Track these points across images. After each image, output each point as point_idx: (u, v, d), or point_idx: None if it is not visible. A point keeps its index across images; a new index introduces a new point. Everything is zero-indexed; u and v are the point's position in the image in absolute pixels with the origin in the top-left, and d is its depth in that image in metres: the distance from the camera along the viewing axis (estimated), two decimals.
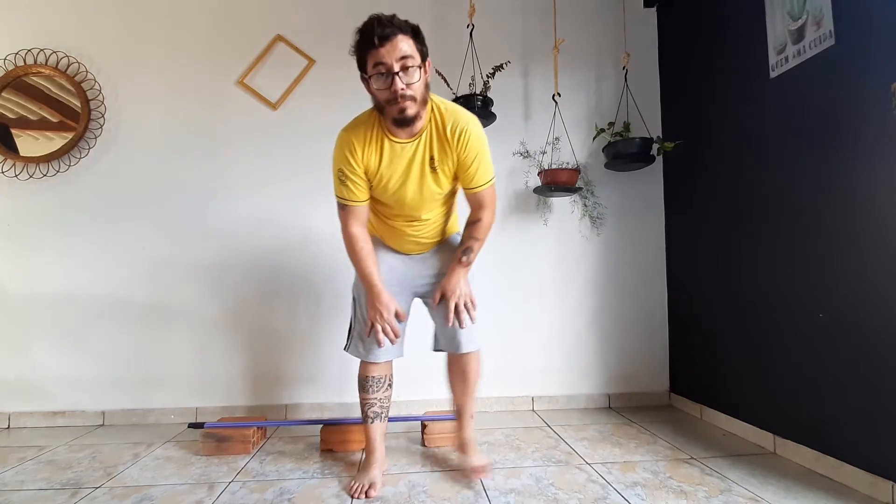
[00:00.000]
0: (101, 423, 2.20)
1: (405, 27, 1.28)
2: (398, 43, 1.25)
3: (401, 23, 1.29)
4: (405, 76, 1.25)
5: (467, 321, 1.45)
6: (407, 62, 1.25)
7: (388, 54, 1.25)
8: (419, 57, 1.28)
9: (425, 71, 1.31)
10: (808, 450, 1.60)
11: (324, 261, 2.31)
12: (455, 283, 1.44)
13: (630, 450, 1.79)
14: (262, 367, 2.27)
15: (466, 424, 1.63)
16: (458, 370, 1.58)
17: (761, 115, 1.81)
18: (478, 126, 1.42)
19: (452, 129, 1.37)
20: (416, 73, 1.27)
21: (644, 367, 2.42)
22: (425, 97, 1.33)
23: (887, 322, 1.34)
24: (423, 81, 1.30)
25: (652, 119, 2.43)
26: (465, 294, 1.45)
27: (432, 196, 1.45)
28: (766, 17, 1.77)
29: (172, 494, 1.46)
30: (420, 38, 1.31)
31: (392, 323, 1.44)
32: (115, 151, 2.29)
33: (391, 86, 1.26)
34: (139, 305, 2.24)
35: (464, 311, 1.44)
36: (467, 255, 1.46)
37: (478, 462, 1.57)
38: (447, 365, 1.63)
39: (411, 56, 1.26)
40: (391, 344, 1.48)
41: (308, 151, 2.34)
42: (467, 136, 1.37)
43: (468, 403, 1.61)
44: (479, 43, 2.27)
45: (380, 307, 1.43)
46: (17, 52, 2.25)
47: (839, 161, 1.50)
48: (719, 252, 2.05)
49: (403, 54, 1.25)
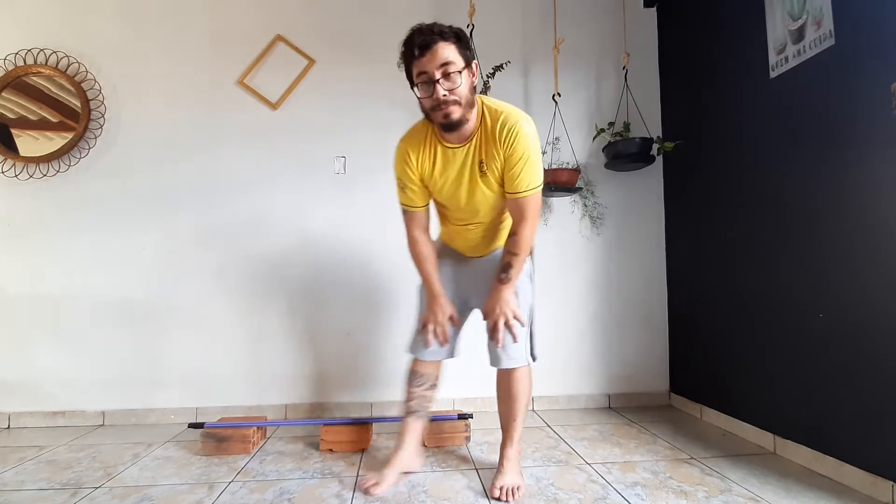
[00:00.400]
0: (101, 423, 2.20)
1: (447, 33, 1.29)
2: (438, 51, 1.26)
3: (442, 29, 1.30)
4: (446, 82, 1.26)
5: (508, 339, 1.44)
6: (448, 68, 1.26)
7: (428, 63, 1.26)
8: (462, 61, 1.28)
9: (472, 74, 1.32)
10: (808, 450, 1.60)
11: (323, 260, 2.31)
12: (494, 302, 1.45)
13: (630, 450, 1.79)
14: (263, 368, 2.27)
15: (506, 441, 1.54)
16: (500, 386, 1.56)
17: (761, 115, 1.81)
18: (529, 127, 1.35)
19: (501, 127, 1.34)
20: (459, 78, 1.27)
21: (644, 367, 2.42)
22: (471, 101, 1.33)
23: (887, 322, 1.34)
24: (467, 85, 1.30)
25: (652, 119, 2.43)
26: (505, 313, 1.43)
27: (485, 200, 1.44)
28: (766, 17, 1.77)
29: (172, 494, 1.46)
30: (464, 43, 1.31)
31: (443, 325, 1.51)
32: (115, 151, 2.29)
33: (433, 93, 1.27)
34: (139, 305, 2.24)
35: (503, 329, 1.43)
36: (506, 272, 1.42)
37: (501, 482, 1.44)
38: (496, 380, 1.59)
39: (453, 62, 1.26)
40: (439, 346, 1.53)
41: (308, 151, 2.34)
42: (515, 133, 1.32)
43: (509, 421, 1.53)
44: (479, 43, 2.27)
45: (435, 309, 1.52)
46: (17, 52, 2.25)
47: (839, 161, 1.50)
48: (719, 252, 2.05)
49: (444, 61, 1.26)
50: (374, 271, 2.33)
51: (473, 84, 1.33)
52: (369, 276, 2.33)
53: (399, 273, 2.34)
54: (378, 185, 2.35)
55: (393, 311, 2.33)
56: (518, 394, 1.50)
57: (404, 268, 2.34)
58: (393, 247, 2.34)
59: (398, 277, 2.33)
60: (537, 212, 1.41)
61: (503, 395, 1.54)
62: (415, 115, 2.35)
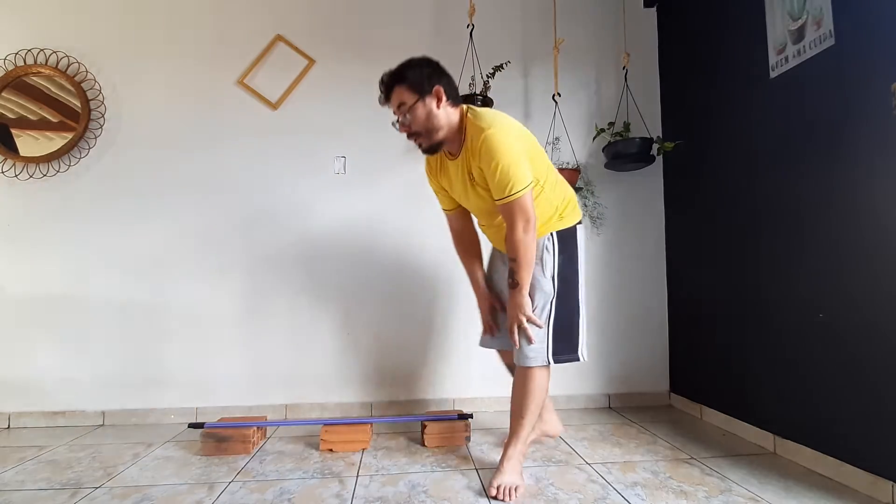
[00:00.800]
0: (101, 423, 2.20)
1: (396, 77, 1.45)
2: (393, 96, 1.46)
3: (392, 75, 1.46)
4: (403, 120, 1.45)
5: (524, 339, 1.48)
6: (402, 108, 1.45)
7: (392, 106, 1.49)
8: (414, 96, 1.43)
9: (428, 102, 1.44)
10: (808, 450, 1.60)
11: (323, 260, 2.32)
12: (508, 307, 1.51)
13: (630, 450, 1.79)
14: (263, 367, 2.27)
15: (510, 440, 1.54)
16: (514, 383, 1.57)
17: (761, 114, 1.81)
18: (499, 132, 1.39)
19: (475, 142, 1.42)
20: (410, 115, 1.44)
21: (644, 367, 2.42)
22: (435, 126, 1.45)
23: (887, 322, 1.34)
24: (423, 116, 1.44)
25: (652, 119, 2.43)
26: (517, 317, 1.48)
27: (486, 205, 1.52)
28: (766, 17, 1.77)
29: (172, 494, 1.46)
30: (414, 77, 1.44)
31: (485, 315, 1.72)
32: (115, 151, 2.29)
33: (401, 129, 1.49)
34: (139, 305, 2.24)
35: (515, 331, 1.49)
36: (512, 277, 1.47)
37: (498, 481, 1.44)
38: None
39: (404, 102, 1.44)
40: (490, 336, 1.72)
41: (308, 151, 2.34)
42: (484, 144, 1.39)
43: (516, 419, 1.53)
44: (479, 43, 2.27)
45: (478, 302, 1.74)
46: (17, 52, 2.25)
47: (839, 161, 1.50)
48: (719, 252, 2.05)
49: (398, 103, 1.46)
50: (373, 271, 2.33)
51: (431, 111, 1.43)
52: (369, 275, 2.33)
53: (399, 273, 2.34)
54: (378, 185, 2.35)
55: (393, 310, 2.33)
56: (528, 392, 1.50)
57: (404, 267, 2.35)
58: (393, 247, 2.35)
59: (398, 277, 2.34)
60: (524, 214, 1.41)
61: (515, 391, 1.55)
62: None
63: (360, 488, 1.48)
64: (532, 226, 1.43)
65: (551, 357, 1.49)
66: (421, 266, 2.35)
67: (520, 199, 1.40)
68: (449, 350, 2.33)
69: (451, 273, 2.33)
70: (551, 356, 1.49)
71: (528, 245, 1.43)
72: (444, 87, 1.45)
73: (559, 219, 1.57)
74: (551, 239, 1.54)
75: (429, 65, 1.47)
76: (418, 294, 2.34)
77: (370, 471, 1.61)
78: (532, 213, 1.43)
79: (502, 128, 1.40)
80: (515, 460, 1.50)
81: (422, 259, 2.35)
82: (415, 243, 2.35)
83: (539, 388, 1.51)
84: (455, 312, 2.34)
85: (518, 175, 1.39)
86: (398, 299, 2.33)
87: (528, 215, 1.42)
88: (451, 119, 1.46)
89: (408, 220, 2.35)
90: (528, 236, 1.42)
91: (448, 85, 1.47)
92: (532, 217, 1.42)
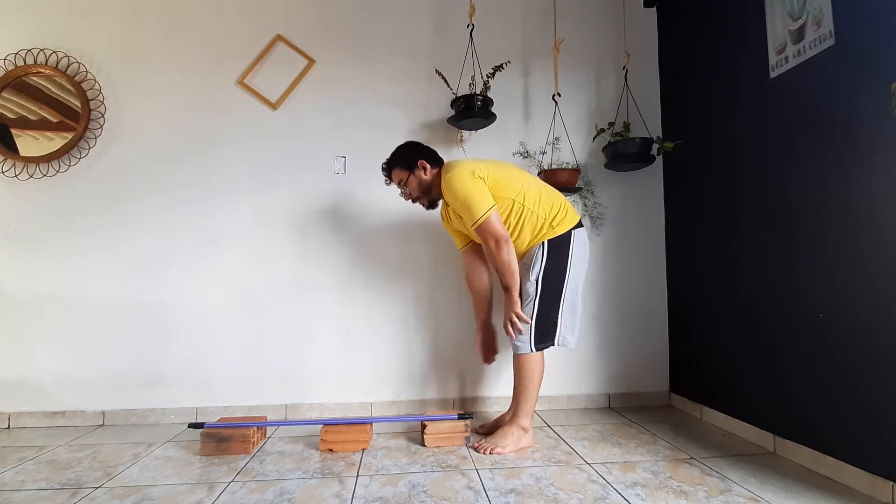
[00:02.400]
0: (101, 423, 2.20)
1: (391, 163, 1.90)
2: (393, 176, 1.91)
3: (388, 162, 1.91)
4: (404, 190, 1.91)
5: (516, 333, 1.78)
6: (401, 183, 1.90)
7: (394, 183, 1.93)
8: (406, 172, 1.87)
9: (417, 174, 1.87)
10: (808, 450, 1.60)
11: (323, 260, 2.32)
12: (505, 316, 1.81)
13: (630, 450, 1.79)
14: (263, 367, 2.27)
15: (512, 412, 1.85)
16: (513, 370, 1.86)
17: (761, 115, 1.81)
18: (453, 176, 1.75)
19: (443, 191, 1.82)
20: (407, 186, 1.88)
21: (644, 367, 2.42)
22: (427, 187, 1.88)
23: (887, 322, 1.34)
24: (416, 184, 1.88)
25: (652, 119, 2.43)
26: (508, 315, 1.78)
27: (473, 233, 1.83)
28: (766, 17, 1.77)
29: (172, 494, 1.46)
30: (404, 157, 1.88)
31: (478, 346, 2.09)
32: (115, 151, 2.29)
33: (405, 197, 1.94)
34: (139, 305, 2.24)
35: (508, 328, 1.78)
36: (502, 284, 1.80)
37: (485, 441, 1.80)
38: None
39: (401, 179, 1.89)
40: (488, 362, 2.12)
41: (308, 151, 2.34)
42: (445, 188, 1.80)
43: (515, 397, 1.84)
44: (479, 43, 2.27)
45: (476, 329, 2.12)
46: (17, 52, 2.25)
47: (839, 161, 1.50)
48: (719, 252, 2.05)
49: (398, 181, 1.91)
50: (373, 271, 2.33)
51: (423, 176, 1.87)
52: (369, 275, 2.33)
53: (399, 273, 2.34)
54: (378, 185, 2.34)
55: (393, 310, 2.33)
56: (521, 376, 1.81)
57: (404, 268, 2.35)
58: (393, 247, 2.35)
59: (398, 277, 2.34)
60: (494, 235, 1.72)
61: (514, 377, 1.85)
62: (413, 114, 2.38)
63: (360, 488, 1.48)
64: (503, 242, 1.72)
65: (534, 346, 1.78)
66: (421, 266, 2.35)
67: (485, 223, 1.72)
68: (449, 350, 2.33)
69: (452, 273, 2.33)
70: (533, 345, 1.78)
71: (504, 258, 1.72)
72: (425, 160, 1.87)
73: (550, 228, 1.81)
74: (542, 248, 1.80)
75: (410, 147, 1.91)
76: (418, 294, 2.34)
77: (370, 471, 1.61)
78: (500, 231, 1.73)
79: (456, 172, 1.76)
80: (509, 432, 1.79)
81: (422, 259, 2.35)
82: (415, 243, 2.35)
83: (532, 372, 1.80)
84: (455, 312, 2.34)
85: (477, 204, 1.72)
86: (398, 299, 2.33)
87: (496, 235, 1.73)
88: (437, 179, 1.87)
89: (408, 220, 2.35)
90: (501, 252, 1.72)
91: (428, 156, 1.89)
92: (501, 235, 1.73)
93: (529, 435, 1.82)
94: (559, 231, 1.81)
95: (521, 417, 1.80)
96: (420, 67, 2.39)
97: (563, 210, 1.84)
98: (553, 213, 1.82)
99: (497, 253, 1.73)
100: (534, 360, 1.79)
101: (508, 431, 1.79)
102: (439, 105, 2.38)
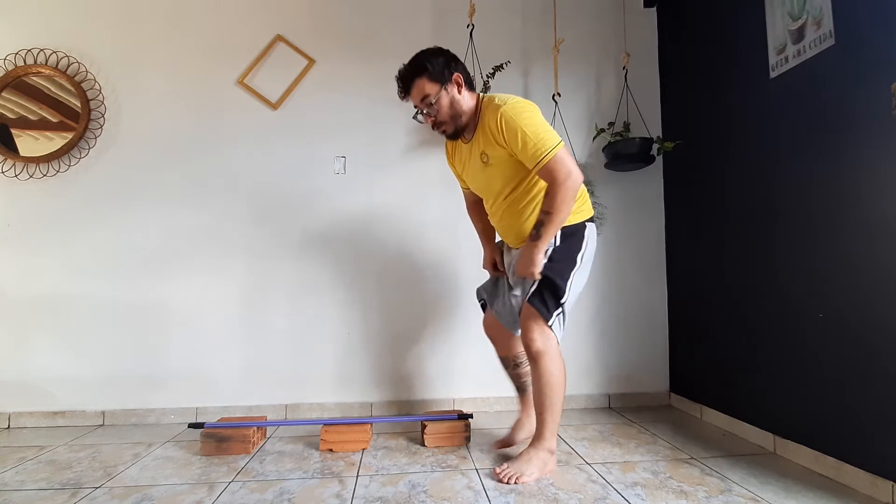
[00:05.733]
0: (101, 423, 2.20)
1: (416, 69, 1.49)
2: (414, 90, 1.51)
3: (411, 68, 1.51)
4: (429, 110, 1.51)
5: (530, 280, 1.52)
6: (427, 100, 1.50)
7: (414, 100, 1.54)
8: (437, 86, 1.49)
9: (450, 90, 1.50)
10: (808, 450, 1.60)
11: (323, 260, 2.32)
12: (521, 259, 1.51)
13: (630, 450, 1.79)
14: (262, 367, 2.27)
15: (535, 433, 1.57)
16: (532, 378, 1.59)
17: (761, 115, 1.81)
18: (513, 107, 1.44)
19: (493, 124, 1.46)
20: (439, 103, 1.49)
21: (644, 367, 2.42)
22: (458, 111, 1.52)
23: (887, 322, 1.34)
24: (447, 104, 1.50)
25: (652, 119, 2.43)
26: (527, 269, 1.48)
27: (494, 185, 1.58)
28: (766, 17, 1.77)
29: (172, 494, 1.46)
30: (434, 68, 1.48)
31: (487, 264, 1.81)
32: (115, 151, 2.29)
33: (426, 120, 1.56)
34: (139, 305, 2.24)
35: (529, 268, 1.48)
36: (537, 229, 1.47)
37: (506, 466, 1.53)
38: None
39: (428, 94, 1.49)
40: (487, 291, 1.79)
41: (308, 151, 2.34)
42: (503, 122, 1.44)
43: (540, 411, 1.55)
44: (479, 43, 2.27)
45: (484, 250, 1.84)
46: (17, 52, 2.25)
47: (839, 161, 1.50)
48: (719, 252, 2.05)
49: (422, 95, 1.50)
50: (373, 271, 2.33)
51: (454, 98, 1.51)
52: (369, 275, 2.33)
53: (399, 273, 2.34)
54: (378, 185, 2.35)
55: (393, 310, 2.33)
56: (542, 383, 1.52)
57: (404, 267, 2.35)
58: (393, 246, 2.35)
59: (398, 277, 2.34)
60: (568, 173, 1.40)
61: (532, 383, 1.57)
62: (412, 114, 2.36)
63: (360, 488, 1.48)
64: (577, 185, 1.42)
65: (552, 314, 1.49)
66: (422, 266, 2.35)
67: (556, 157, 1.40)
68: (449, 350, 2.33)
69: (452, 273, 2.33)
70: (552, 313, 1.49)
71: (568, 203, 1.42)
72: (461, 74, 1.51)
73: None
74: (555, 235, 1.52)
75: (444, 54, 1.52)
76: (419, 294, 2.34)
77: (370, 471, 1.61)
78: (574, 168, 1.41)
79: (517, 102, 1.46)
80: (534, 456, 1.53)
81: (422, 259, 2.35)
82: (415, 243, 2.35)
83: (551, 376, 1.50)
84: (456, 312, 2.34)
85: (545, 136, 1.41)
86: (398, 299, 2.33)
87: (568, 169, 1.40)
88: (469, 104, 1.53)
89: (408, 221, 2.35)
90: (570, 195, 1.41)
91: (464, 71, 1.54)
92: (574, 171, 1.41)
93: (555, 458, 1.56)
94: (575, 219, 1.55)
95: (547, 439, 1.53)
96: None
97: (583, 196, 1.60)
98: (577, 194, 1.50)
99: (567, 196, 1.40)
100: (555, 362, 1.50)
101: (533, 456, 1.52)
102: None
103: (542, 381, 1.51)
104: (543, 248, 1.47)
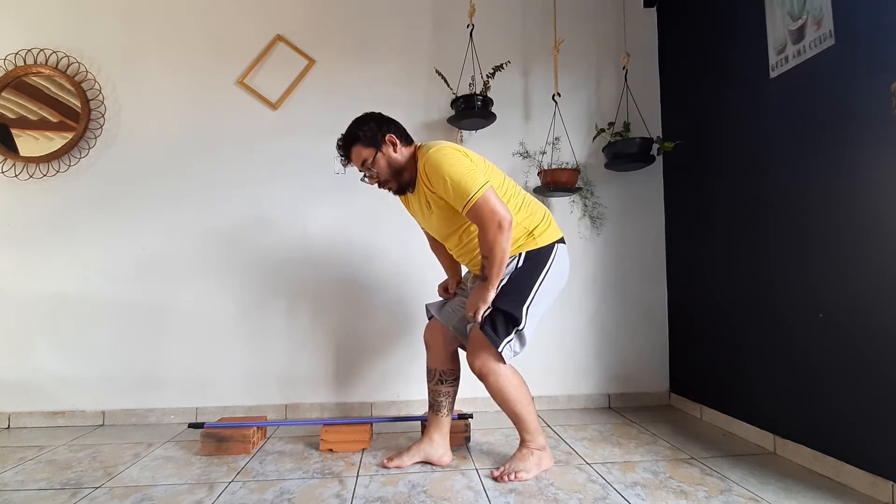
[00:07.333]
0: (101, 423, 2.20)
1: (350, 139, 1.55)
2: (353, 157, 1.57)
3: (345, 139, 1.57)
4: (370, 173, 1.57)
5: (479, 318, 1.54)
6: (366, 164, 1.55)
7: (356, 165, 1.58)
8: (372, 151, 1.54)
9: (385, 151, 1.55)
10: (808, 450, 1.60)
11: (323, 260, 2.32)
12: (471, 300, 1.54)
13: (630, 450, 1.79)
14: (262, 367, 2.27)
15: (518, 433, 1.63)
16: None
17: (761, 115, 1.81)
18: (434, 155, 1.47)
19: (423, 171, 1.52)
20: (376, 166, 1.55)
21: (644, 367, 2.42)
22: (398, 168, 1.57)
23: (887, 322, 1.34)
24: (385, 165, 1.56)
25: (652, 119, 2.43)
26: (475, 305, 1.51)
27: (443, 229, 1.63)
28: (766, 17, 1.77)
29: (172, 494, 1.46)
30: (367, 133, 1.53)
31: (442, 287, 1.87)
32: (115, 151, 2.29)
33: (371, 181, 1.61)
34: (139, 305, 2.24)
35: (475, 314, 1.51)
36: (483, 272, 1.50)
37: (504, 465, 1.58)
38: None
39: (365, 158, 1.55)
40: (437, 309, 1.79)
41: (308, 151, 2.34)
42: (431, 168, 1.48)
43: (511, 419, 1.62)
44: (479, 43, 2.27)
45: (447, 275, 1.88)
46: (17, 52, 2.25)
47: (839, 161, 1.50)
48: (719, 252, 2.05)
49: (361, 161, 1.56)
50: (373, 271, 2.33)
51: (390, 158, 1.55)
52: (369, 275, 2.33)
53: (398, 273, 2.34)
54: None
55: (393, 310, 2.33)
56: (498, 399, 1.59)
57: (403, 268, 2.35)
58: (392, 246, 2.35)
59: (398, 277, 2.34)
60: (492, 213, 1.41)
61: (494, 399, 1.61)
62: (412, 114, 2.37)
63: (360, 488, 1.48)
64: (506, 223, 1.42)
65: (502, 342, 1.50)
66: (422, 266, 2.34)
67: (481, 200, 1.42)
68: None
69: None
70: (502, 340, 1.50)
71: (501, 244, 1.42)
72: (394, 133, 1.56)
73: (531, 238, 1.57)
74: (517, 259, 1.55)
75: (374, 118, 1.57)
76: (419, 294, 2.34)
77: (370, 471, 1.61)
78: (502, 209, 1.42)
79: (440, 149, 1.49)
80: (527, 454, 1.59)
81: (423, 259, 2.34)
82: (415, 244, 2.34)
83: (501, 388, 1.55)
84: None
85: (469, 179, 1.43)
86: (399, 299, 2.33)
87: (496, 214, 1.41)
88: (407, 158, 1.58)
89: (411, 220, 2.33)
90: (501, 235, 1.42)
91: (397, 129, 1.58)
92: (503, 214, 1.42)
93: (549, 453, 1.62)
94: (540, 243, 1.57)
95: (529, 441, 1.59)
96: (420, 67, 2.39)
97: (545, 220, 1.61)
98: (535, 222, 1.58)
99: (498, 236, 1.41)
100: (504, 378, 1.54)
101: (527, 454, 1.58)
102: (439, 105, 2.38)
103: (497, 397, 1.57)
104: (492, 289, 1.49)
